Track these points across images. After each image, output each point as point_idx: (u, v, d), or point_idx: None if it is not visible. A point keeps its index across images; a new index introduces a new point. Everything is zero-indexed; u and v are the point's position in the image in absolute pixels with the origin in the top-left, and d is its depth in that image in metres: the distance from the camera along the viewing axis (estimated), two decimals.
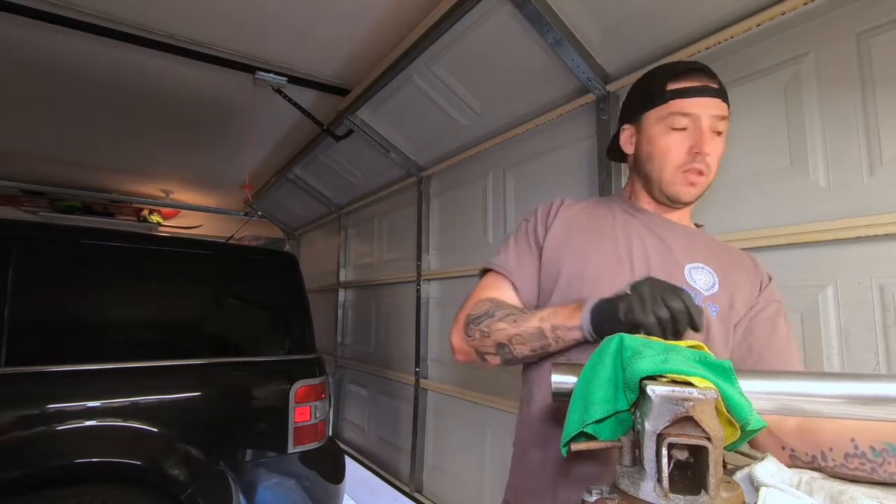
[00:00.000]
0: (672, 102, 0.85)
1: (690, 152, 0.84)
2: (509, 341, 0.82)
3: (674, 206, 0.92)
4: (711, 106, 0.84)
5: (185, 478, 1.78)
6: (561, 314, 0.78)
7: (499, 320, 0.84)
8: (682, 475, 0.44)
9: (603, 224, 0.93)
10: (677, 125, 0.84)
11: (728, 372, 0.48)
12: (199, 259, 2.29)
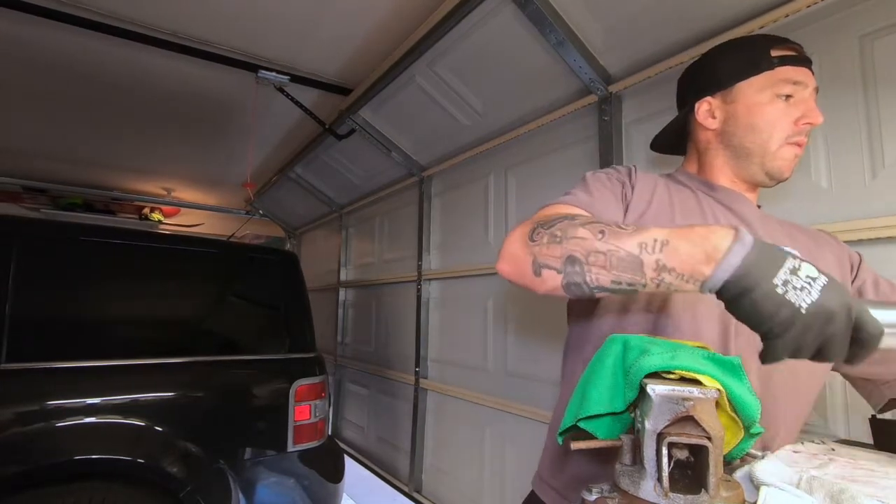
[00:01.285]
0: (780, 69, 0.78)
1: (799, 122, 0.79)
2: (586, 258, 0.60)
3: (769, 183, 0.83)
4: (812, 79, 0.80)
5: (185, 475, 1.78)
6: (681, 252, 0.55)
7: (580, 226, 0.63)
8: (683, 474, 0.45)
9: (686, 198, 0.83)
10: (784, 91, 0.78)
11: (737, 369, 0.48)
12: (200, 257, 2.29)
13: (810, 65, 0.81)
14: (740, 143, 0.82)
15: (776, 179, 0.83)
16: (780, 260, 0.51)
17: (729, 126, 0.83)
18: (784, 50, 0.80)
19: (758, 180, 0.84)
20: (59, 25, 2.09)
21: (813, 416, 1.23)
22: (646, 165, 1.71)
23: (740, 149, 0.82)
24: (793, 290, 0.49)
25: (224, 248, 2.51)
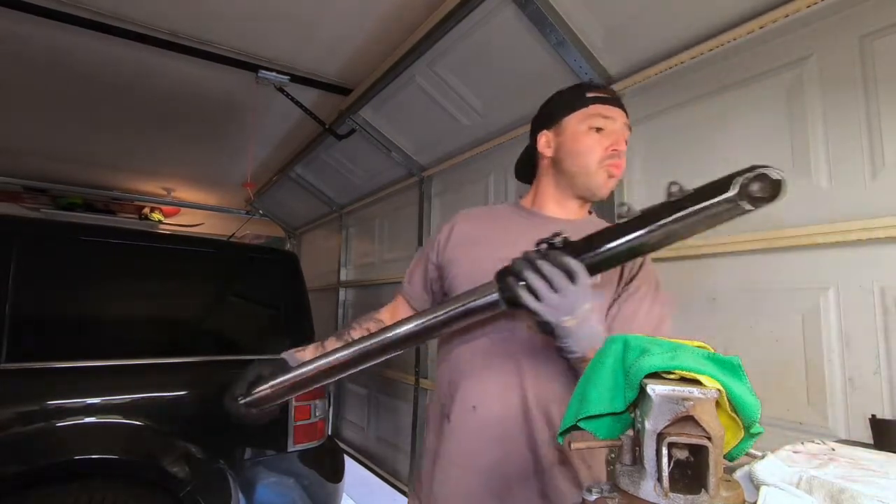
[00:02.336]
0: (593, 106, 0.98)
1: (608, 149, 0.96)
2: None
3: (592, 198, 1.02)
4: (622, 116, 0.99)
5: (185, 475, 1.78)
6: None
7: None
8: (683, 474, 0.45)
9: (492, 228, 1.06)
10: (598, 125, 0.97)
11: (737, 368, 0.48)
12: (200, 257, 2.29)
13: (620, 105, 1.00)
14: (568, 166, 1.00)
15: (596, 195, 1.00)
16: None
17: (559, 153, 1.02)
18: (597, 93, 1.00)
19: (582, 195, 1.02)
20: (59, 25, 2.09)
21: (813, 416, 1.23)
22: (646, 165, 1.71)
23: (567, 171, 1.00)
24: None
25: (224, 248, 2.51)
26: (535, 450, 0.90)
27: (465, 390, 0.95)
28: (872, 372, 1.13)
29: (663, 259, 1.60)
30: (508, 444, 0.91)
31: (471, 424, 0.93)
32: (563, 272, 0.74)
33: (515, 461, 0.90)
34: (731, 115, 1.47)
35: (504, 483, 0.90)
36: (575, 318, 0.76)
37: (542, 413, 0.91)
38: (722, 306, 1.44)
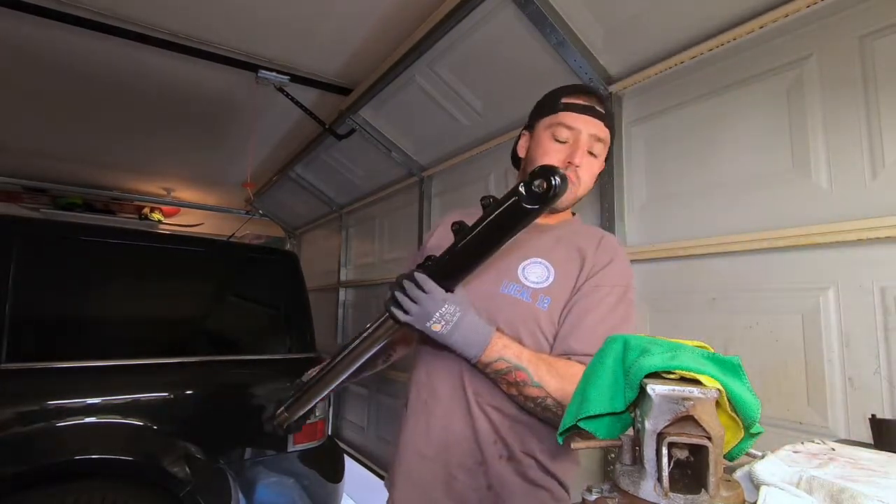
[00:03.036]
0: (561, 113, 0.98)
1: (564, 162, 0.96)
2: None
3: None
4: (592, 125, 0.96)
5: (185, 475, 1.78)
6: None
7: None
8: (683, 474, 0.45)
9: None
10: (560, 136, 0.97)
11: (737, 368, 0.48)
12: (200, 257, 2.29)
13: (594, 113, 0.97)
14: (525, 170, 1.04)
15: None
16: None
17: (527, 157, 1.05)
18: (572, 99, 0.98)
19: None
20: (59, 25, 2.09)
21: (813, 416, 1.23)
22: (645, 166, 1.71)
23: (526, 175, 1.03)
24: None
25: (224, 248, 2.51)
26: (480, 445, 0.94)
27: (418, 385, 1.04)
28: (872, 372, 1.13)
29: (663, 259, 1.60)
30: (453, 437, 0.95)
31: (421, 416, 1.00)
32: (415, 285, 0.84)
33: (460, 453, 0.95)
34: (731, 115, 1.47)
35: (450, 472, 0.95)
36: (439, 323, 0.84)
37: (482, 412, 0.95)
38: (722, 306, 1.44)
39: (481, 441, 0.94)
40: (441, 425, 0.97)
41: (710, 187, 1.51)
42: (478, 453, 0.94)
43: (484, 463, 0.94)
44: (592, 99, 0.99)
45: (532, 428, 0.94)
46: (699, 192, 1.54)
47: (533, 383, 0.86)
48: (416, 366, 1.08)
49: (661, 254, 1.59)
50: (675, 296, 1.57)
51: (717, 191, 1.49)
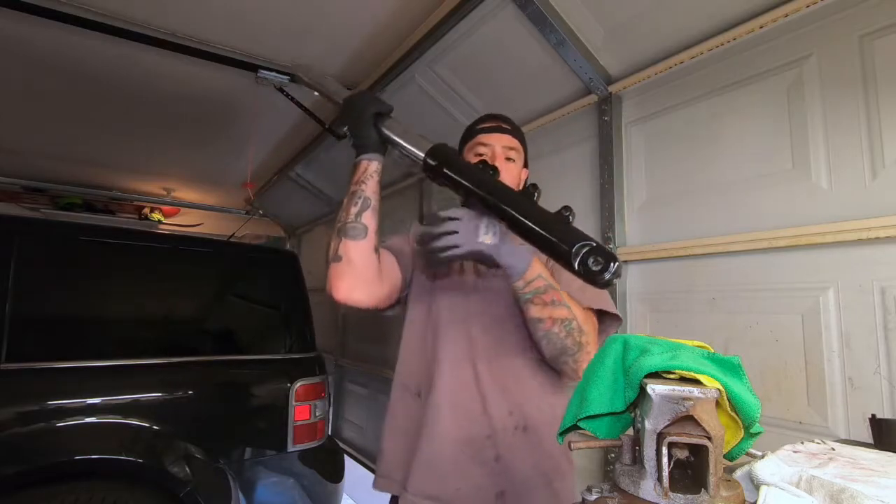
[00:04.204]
0: (476, 136, 1.14)
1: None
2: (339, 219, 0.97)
3: None
4: (503, 139, 1.13)
5: (185, 475, 1.78)
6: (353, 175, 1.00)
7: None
8: (683, 474, 0.45)
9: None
10: (479, 152, 1.12)
11: (737, 368, 0.48)
12: (200, 257, 2.29)
13: (501, 130, 1.14)
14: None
15: None
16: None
17: None
18: (483, 124, 1.15)
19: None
20: (59, 25, 2.09)
21: (813, 416, 1.23)
22: (644, 166, 1.71)
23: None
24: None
25: (224, 248, 2.51)
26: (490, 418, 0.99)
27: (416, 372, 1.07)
28: (872, 372, 1.13)
29: (663, 259, 1.60)
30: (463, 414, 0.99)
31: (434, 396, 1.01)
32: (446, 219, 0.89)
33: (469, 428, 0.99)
34: (731, 115, 1.47)
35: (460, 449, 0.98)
36: (488, 234, 0.88)
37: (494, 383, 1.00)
38: (722, 306, 1.44)
39: (490, 411, 0.99)
40: (449, 402, 1.00)
41: (710, 187, 1.51)
42: (486, 426, 0.98)
43: (492, 436, 0.98)
44: (499, 120, 1.16)
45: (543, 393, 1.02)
46: (699, 192, 1.54)
47: (564, 303, 0.91)
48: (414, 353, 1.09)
49: (661, 254, 1.59)
50: (675, 296, 1.57)
51: (717, 191, 1.49)
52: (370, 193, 0.97)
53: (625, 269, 1.73)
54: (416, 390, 1.07)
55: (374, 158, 1.00)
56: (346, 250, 0.94)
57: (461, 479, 0.97)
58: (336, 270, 0.95)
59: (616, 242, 1.72)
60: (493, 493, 0.97)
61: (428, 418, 1.00)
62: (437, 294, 1.10)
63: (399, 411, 1.09)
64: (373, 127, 0.99)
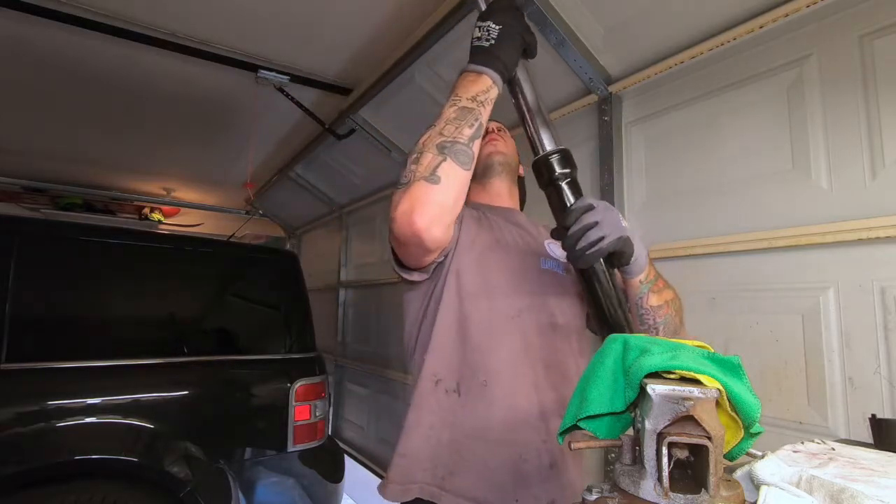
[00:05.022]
0: None
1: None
2: (445, 134, 0.79)
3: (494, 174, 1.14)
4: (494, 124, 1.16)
5: (185, 475, 1.78)
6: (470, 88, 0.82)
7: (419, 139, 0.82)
8: (683, 474, 0.45)
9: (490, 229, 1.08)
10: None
11: (737, 368, 0.48)
12: (200, 257, 2.29)
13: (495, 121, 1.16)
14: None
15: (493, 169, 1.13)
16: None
17: None
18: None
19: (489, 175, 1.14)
20: (59, 25, 2.09)
21: (813, 416, 1.23)
22: (644, 166, 1.71)
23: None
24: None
25: (224, 248, 2.51)
26: (546, 421, 0.93)
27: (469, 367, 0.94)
28: (872, 372, 1.13)
29: (663, 259, 1.60)
30: (520, 415, 0.92)
31: (479, 398, 0.92)
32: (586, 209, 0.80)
33: (527, 432, 0.92)
34: (730, 115, 1.47)
35: (519, 454, 0.91)
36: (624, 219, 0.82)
37: (548, 383, 0.95)
38: (722, 306, 1.44)
39: (547, 416, 0.93)
40: (506, 405, 0.92)
41: (710, 187, 1.51)
42: (543, 431, 0.93)
43: (548, 440, 0.93)
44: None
45: None
46: (699, 192, 1.54)
47: (669, 284, 0.93)
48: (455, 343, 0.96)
49: (661, 254, 1.59)
50: None
51: (717, 191, 1.49)
52: (484, 121, 0.82)
53: None
54: (453, 386, 0.94)
55: (497, 82, 0.84)
56: (448, 173, 0.76)
57: (520, 486, 0.90)
58: (426, 192, 0.75)
59: None
60: (545, 501, 0.91)
61: (479, 418, 0.91)
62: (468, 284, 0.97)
63: (430, 407, 0.94)
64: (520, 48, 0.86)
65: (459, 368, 0.95)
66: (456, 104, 0.80)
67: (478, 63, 0.83)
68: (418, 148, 0.79)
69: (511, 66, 0.86)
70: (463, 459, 0.91)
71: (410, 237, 0.77)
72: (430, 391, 0.95)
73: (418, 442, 0.94)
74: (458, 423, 0.92)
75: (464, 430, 0.92)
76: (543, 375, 0.95)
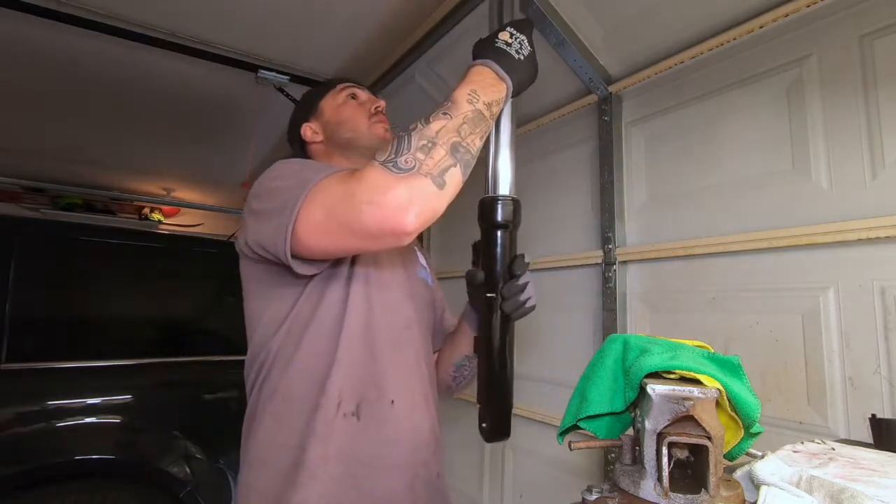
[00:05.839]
0: (339, 86, 1.10)
1: (371, 109, 1.06)
2: (461, 137, 0.70)
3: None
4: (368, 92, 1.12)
5: (185, 475, 1.79)
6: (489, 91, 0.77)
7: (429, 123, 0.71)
8: (683, 474, 0.45)
9: None
10: (350, 93, 1.08)
11: (737, 368, 0.49)
12: (200, 257, 2.29)
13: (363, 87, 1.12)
14: (342, 135, 1.05)
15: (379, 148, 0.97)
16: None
17: (328, 131, 1.07)
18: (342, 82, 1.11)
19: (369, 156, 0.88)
20: (59, 25, 2.09)
21: (813, 416, 1.23)
22: (644, 166, 1.71)
23: (344, 140, 1.04)
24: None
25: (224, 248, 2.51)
26: (436, 436, 0.93)
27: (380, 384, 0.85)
28: (872, 372, 1.13)
29: (663, 259, 1.60)
30: (420, 435, 0.89)
31: (385, 421, 0.84)
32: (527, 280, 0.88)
33: (424, 449, 0.89)
34: (730, 116, 1.47)
35: (415, 473, 0.86)
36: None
37: (433, 398, 0.96)
38: (722, 306, 1.44)
39: (437, 431, 0.94)
40: (409, 426, 0.86)
41: (710, 187, 1.51)
42: (433, 443, 0.92)
43: (437, 452, 0.93)
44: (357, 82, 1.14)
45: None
46: (699, 192, 1.54)
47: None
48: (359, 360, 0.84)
49: (661, 254, 1.59)
50: (675, 296, 1.57)
51: (717, 191, 1.49)
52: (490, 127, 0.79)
53: (625, 269, 1.73)
54: (352, 409, 0.81)
55: (508, 97, 0.81)
56: (452, 181, 0.69)
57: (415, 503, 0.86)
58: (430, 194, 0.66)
59: (616, 242, 1.72)
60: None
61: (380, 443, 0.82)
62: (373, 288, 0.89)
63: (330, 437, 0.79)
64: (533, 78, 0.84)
65: (364, 387, 0.83)
66: (474, 103, 0.73)
67: (503, 68, 0.79)
68: (429, 134, 0.69)
69: (522, 90, 0.82)
70: (360, 493, 0.80)
71: (389, 232, 0.66)
72: (332, 417, 0.80)
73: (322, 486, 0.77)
74: (355, 451, 0.80)
75: (360, 459, 0.80)
76: (429, 387, 0.95)
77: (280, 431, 0.82)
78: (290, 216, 0.71)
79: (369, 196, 0.65)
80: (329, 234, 0.70)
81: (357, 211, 0.66)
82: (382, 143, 0.98)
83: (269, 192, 0.78)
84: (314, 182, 0.72)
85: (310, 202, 0.71)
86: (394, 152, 0.68)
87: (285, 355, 0.84)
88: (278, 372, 0.84)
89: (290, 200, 0.72)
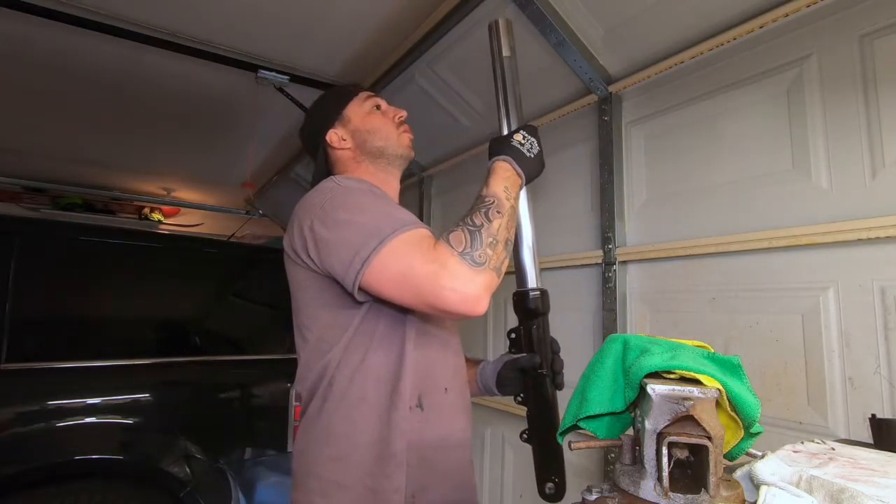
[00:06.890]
0: (363, 94, 1.15)
1: (396, 119, 1.14)
2: (509, 230, 0.86)
3: (405, 163, 1.14)
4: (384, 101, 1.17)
5: (185, 475, 1.79)
6: (514, 188, 0.92)
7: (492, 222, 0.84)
8: (683, 474, 0.45)
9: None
10: (375, 103, 1.14)
11: (737, 368, 0.48)
12: (200, 257, 2.29)
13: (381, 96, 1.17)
14: (372, 144, 1.10)
15: (409, 156, 1.13)
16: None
17: (358, 138, 1.10)
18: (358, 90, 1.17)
19: (398, 162, 1.12)
20: (59, 25, 2.09)
21: (813, 416, 1.23)
22: (644, 166, 1.71)
23: (375, 150, 1.10)
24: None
25: (224, 248, 2.51)
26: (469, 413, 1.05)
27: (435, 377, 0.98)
28: (872, 372, 1.13)
29: (663, 259, 1.60)
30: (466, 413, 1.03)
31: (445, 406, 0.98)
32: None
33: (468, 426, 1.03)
34: (731, 115, 1.47)
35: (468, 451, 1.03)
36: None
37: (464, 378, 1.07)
38: (722, 306, 1.44)
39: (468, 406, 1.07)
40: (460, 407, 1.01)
41: (710, 187, 1.51)
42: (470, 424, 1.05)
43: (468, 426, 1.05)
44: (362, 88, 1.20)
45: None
46: (699, 192, 1.54)
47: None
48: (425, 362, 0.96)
49: (661, 254, 1.59)
50: (675, 296, 1.57)
51: (717, 191, 1.49)
52: None
53: (625, 269, 1.73)
54: (416, 402, 0.93)
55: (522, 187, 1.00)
56: (504, 269, 0.84)
57: (470, 477, 1.03)
58: (494, 285, 0.81)
59: (616, 242, 1.72)
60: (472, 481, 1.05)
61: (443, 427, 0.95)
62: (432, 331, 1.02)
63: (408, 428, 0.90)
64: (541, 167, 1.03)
65: (422, 382, 0.94)
66: (510, 199, 0.89)
67: (519, 164, 0.95)
68: (493, 232, 0.82)
69: (530, 182, 1.01)
70: (436, 473, 0.93)
71: (465, 313, 0.78)
72: (405, 412, 0.90)
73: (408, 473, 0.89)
74: (424, 439, 0.92)
75: (431, 444, 0.93)
76: (463, 373, 1.07)
77: (355, 431, 0.89)
78: (362, 263, 0.80)
79: (452, 284, 0.76)
80: (400, 292, 0.80)
81: (440, 291, 0.76)
82: (409, 150, 1.13)
83: (337, 225, 0.86)
84: (389, 237, 0.81)
85: (385, 257, 0.79)
86: (469, 246, 0.79)
87: (352, 363, 0.91)
88: (345, 379, 0.91)
89: (362, 248, 0.81)
